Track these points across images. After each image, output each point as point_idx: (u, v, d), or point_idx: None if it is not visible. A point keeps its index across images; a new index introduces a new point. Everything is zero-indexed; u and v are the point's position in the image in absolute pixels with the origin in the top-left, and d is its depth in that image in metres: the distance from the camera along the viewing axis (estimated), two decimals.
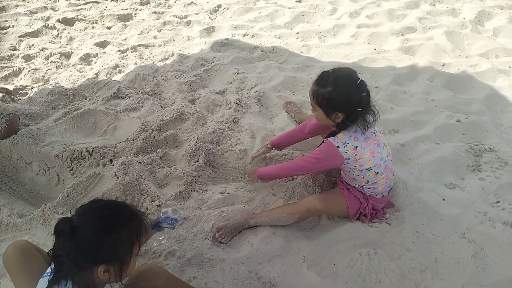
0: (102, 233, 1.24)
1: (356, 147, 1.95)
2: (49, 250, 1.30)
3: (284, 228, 2.12)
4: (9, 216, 2.18)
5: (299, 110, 3.08)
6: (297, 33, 4.55)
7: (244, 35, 4.50)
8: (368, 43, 4.29)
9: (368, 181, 2.07)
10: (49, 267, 1.38)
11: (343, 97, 1.88)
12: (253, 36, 4.47)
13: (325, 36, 4.52)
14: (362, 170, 2.01)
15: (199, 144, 2.68)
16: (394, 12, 4.91)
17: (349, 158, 1.97)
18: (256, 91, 3.33)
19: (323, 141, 2.06)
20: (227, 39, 4.36)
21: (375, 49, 4.11)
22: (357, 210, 2.13)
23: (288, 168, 2.22)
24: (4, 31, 4.65)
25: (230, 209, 2.23)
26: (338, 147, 1.95)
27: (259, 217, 2.13)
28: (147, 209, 2.24)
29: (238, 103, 3.16)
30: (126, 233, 1.29)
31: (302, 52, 4.14)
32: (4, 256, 1.57)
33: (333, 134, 2.01)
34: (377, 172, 2.03)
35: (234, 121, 2.99)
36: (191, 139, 2.77)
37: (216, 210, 2.24)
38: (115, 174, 2.37)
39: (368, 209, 2.12)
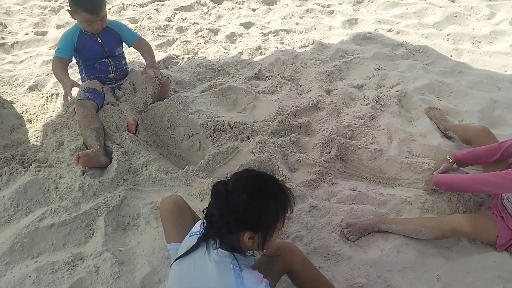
0: (252, 200, 1.28)
1: None
2: (203, 209, 1.40)
3: (418, 241, 1.98)
4: (157, 171, 2.40)
5: (443, 118, 2.83)
6: (448, 34, 4.18)
7: (388, 30, 4.28)
8: None
9: None
10: (195, 226, 1.49)
11: None
12: (398, 32, 4.23)
13: (480, 42, 4.08)
14: None
15: (332, 136, 2.64)
16: None
17: None
18: (397, 91, 3.16)
19: None
20: (370, 32, 4.20)
21: None
22: (507, 241, 1.89)
23: (475, 180, 1.93)
24: (162, 2, 5.14)
25: (361, 208, 2.16)
26: None
27: (392, 223, 2.02)
28: None
29: (377, 100, 3.03)
30: (273, 205, 1.32)
31: (451, 56, 3.80)
32: (161, 205, 1.75)
33: None
34: None
35: (371, 118, 2.88)
36: (324, 130, 2.74)
37: (346, 206, 2.19)
38: (252, 151, 2.47)
39: None
